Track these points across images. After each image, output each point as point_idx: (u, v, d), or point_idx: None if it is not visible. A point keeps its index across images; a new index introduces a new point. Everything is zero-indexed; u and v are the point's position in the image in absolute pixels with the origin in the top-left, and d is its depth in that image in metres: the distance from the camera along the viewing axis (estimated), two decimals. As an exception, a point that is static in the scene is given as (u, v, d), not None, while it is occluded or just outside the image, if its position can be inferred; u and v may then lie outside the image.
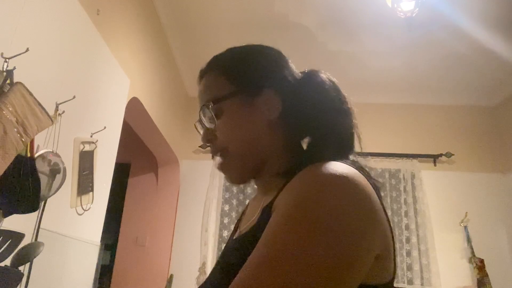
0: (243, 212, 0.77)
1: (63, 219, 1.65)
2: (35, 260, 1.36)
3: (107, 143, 2.04)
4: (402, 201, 3.50)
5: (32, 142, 1.30)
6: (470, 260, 3.33)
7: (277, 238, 0.45)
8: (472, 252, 3.33)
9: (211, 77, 0.68)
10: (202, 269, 3.34)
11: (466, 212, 3.44)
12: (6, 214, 1.21)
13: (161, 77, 3.11)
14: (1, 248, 1.19)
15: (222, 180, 3.63)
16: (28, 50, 1.26)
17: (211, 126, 0.66)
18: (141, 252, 3.53)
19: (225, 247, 0.67)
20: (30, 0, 1.35)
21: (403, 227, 3.42)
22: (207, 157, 3.73)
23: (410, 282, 3.28)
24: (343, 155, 0.58)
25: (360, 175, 0.51)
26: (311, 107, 0.63)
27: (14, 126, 1.16)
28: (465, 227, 3.42)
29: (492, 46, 2.94)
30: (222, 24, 2.99)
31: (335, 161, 0.53)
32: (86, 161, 1.77)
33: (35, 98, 1.27)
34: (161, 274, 3.43)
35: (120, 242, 3.59)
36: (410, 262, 3.33)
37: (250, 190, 3.58)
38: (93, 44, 1.87)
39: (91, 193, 1.82)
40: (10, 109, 1.15)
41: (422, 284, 3.26)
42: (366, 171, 0.56)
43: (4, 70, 1.20)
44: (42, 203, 1.43)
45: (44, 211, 1.44)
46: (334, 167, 0.50)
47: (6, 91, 1.16)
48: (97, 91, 1.93)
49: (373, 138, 3.33)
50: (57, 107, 1.52)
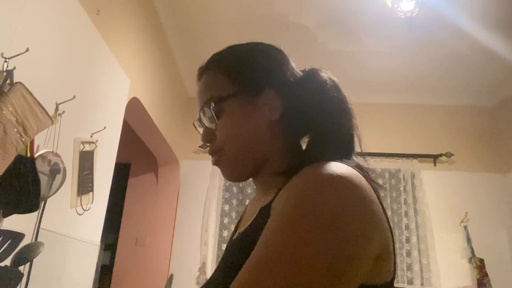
0: (243, 213, 0.77)
1: (63, 219, 1.65)
2: (35, 260, 1.36)
3: (107, 143, 2.04)
4: (402, 201, 3.50)
5: (32, 142, 1.30)
6: (470, 260, 3.33)
7: (276, 238, 0.45)
8: (472, 252, 3.33)
9: (211, 76, 0.67)
10: (202, 269, 3.33)
11: (466, 212, 3.44)
12: (6, 214, 1.21)
13: (161, 77, 3.11)
14: (1, 248, 1.19)
15: (222, 180, 3.63)
16: (28, 50, 1.26)
17: (211, 126, 0.65)
18: (141, 252, 3.53)
19: (226, 248, 0.67)
20: (30, 0, 1.35)
21: (403, 227, 3.42)
22: (207, 157, 3.65)
23: (410, 282, 3.28)
24: (343, 155, 0.58)
25: (359, 175, 0.51)
26: (312, 108, 0.63)
27: (14, 126, 1.16)
28: (465, 227, 3.42)
29: (492, 46, 2.94)
30: (222, 24, 2.99)
31: (335, 161, 0.53)
32: (86, 161, 1.77)
33: (35, 98, 1.27)
34: (161, 274, 3.42)
35: (120, 242, 3.59)
36: (410, 262, 3.33)
37: (250, 190, 3.58)
38: (93, 44, 1.87)
39: (91, 193, 1.82)
40: (10, 109, 1.15)
41: (422, 284, 3.25)
42: (366, 172, 0.56)
43: (4, 70, 1.20)
44: (42, 203, 1.43)
45: (44, 211, 1.44)
46: (333, 167, 0.50)
47: (6, 91, 1.16)
48: (97, 91, 1.93)
49: (373, 138, 3.33)
50: (57, 107, 1.52)
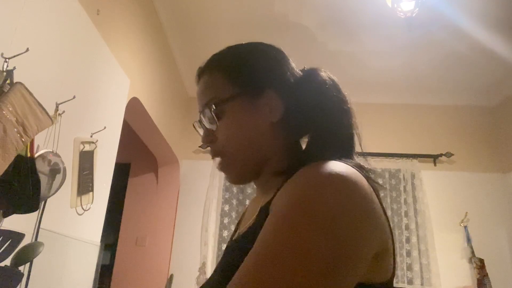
0: (243, 213, 0.77)
1: (63, 219, 1.65)
2: (35, 260, 1.36)
3: (107, 143, 2.04)
4: (402, 201, 3.50)
5: (32, 142, 1.30)
6: (470, 260, 3.33)
7: (275, 237, 0.45)
8: (472, 252, 3.33)
9: (211, 77, 0.67)
10: (202, 269, 3.33)
11: (466, 212, 3.44)
12: (6, 214, 1.21)
13: (161, 77, 3.11)
14: (1, 248, 1.19)
15: (222, 180, 3.63)
16: (28, 50, 1.26)
17: (212, 127, 0.65)
18: (141, 252, 3.53)
19: (225, 248, 0.67)
20: (30, 0, 1.35)
21: (403, 227, 3.42)
22: (207, 157, 3.72)
23: (410, 282, 3.28)
24: (343, 155, 0.58)
25: (359, 174, 0.51)
26: (312, 107, 0.63)
27: (14, 126, 1.16)
28: (465, 227, 3.42)
29: (492, 46, 2.94)
30: (222, 24, 2.99)
31: (334, 161, 0.53)
32: (86, 161, 1.77)
33: (35, 98, 1.27)
34: (161, 274, 3.43)
35: (120, 242, 3.59)
36: (410, 262, 3.33)
37: (250, 190, 3.58)
38: (93, 44, 1.87)
39: (91, 193, 1.82)
40: (10, 109, 1.15)
41: (422, 284, 3.25)
42: (366, 171, 0.56)
43: (4, 70, 1.20)
44: (42, 203, 1.43)
45: (44, 211, 1.44)
46: (333, 166, 0.50)
47: (6, 91, 1.16)
48: (97, 91, 1.93)
49: (373, 138, 3.33)
50: (57, 107, 1.52)
